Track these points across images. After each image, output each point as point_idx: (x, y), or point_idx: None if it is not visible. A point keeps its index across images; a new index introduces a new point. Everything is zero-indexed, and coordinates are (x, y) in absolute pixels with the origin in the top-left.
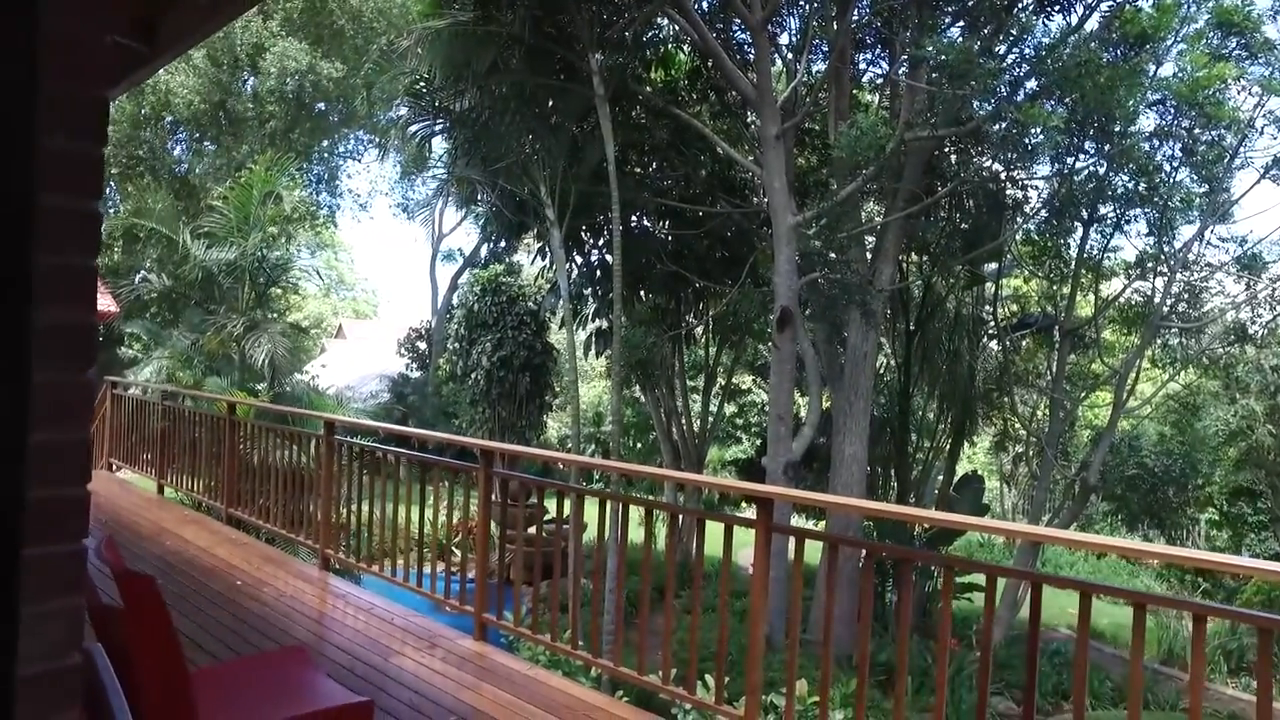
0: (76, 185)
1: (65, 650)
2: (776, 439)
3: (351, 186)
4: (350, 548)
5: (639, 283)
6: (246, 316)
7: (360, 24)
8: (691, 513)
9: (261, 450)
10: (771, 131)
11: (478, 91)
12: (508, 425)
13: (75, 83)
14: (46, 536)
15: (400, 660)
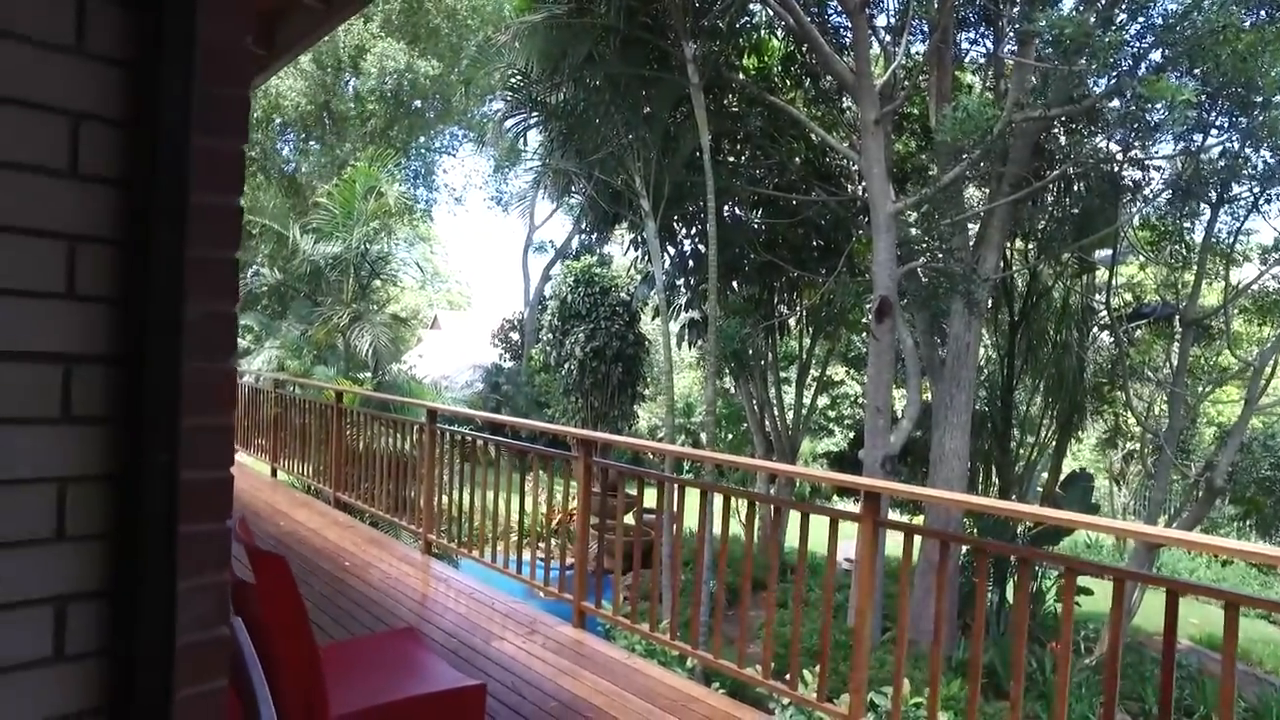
0: (222, 182)
1: (215, 623)
2: (874, 432)
3: (447, 181)
4: (449, 532)
5: (732, 273)
6: (351, 308)
7: (455, 22)
8: (797, 506)
9: (366, 437)
10: (870, 117)
11: (573, 84)
12: (600, 415)
13: (223, 83)
14: (198, 515)
15: (501, 645)
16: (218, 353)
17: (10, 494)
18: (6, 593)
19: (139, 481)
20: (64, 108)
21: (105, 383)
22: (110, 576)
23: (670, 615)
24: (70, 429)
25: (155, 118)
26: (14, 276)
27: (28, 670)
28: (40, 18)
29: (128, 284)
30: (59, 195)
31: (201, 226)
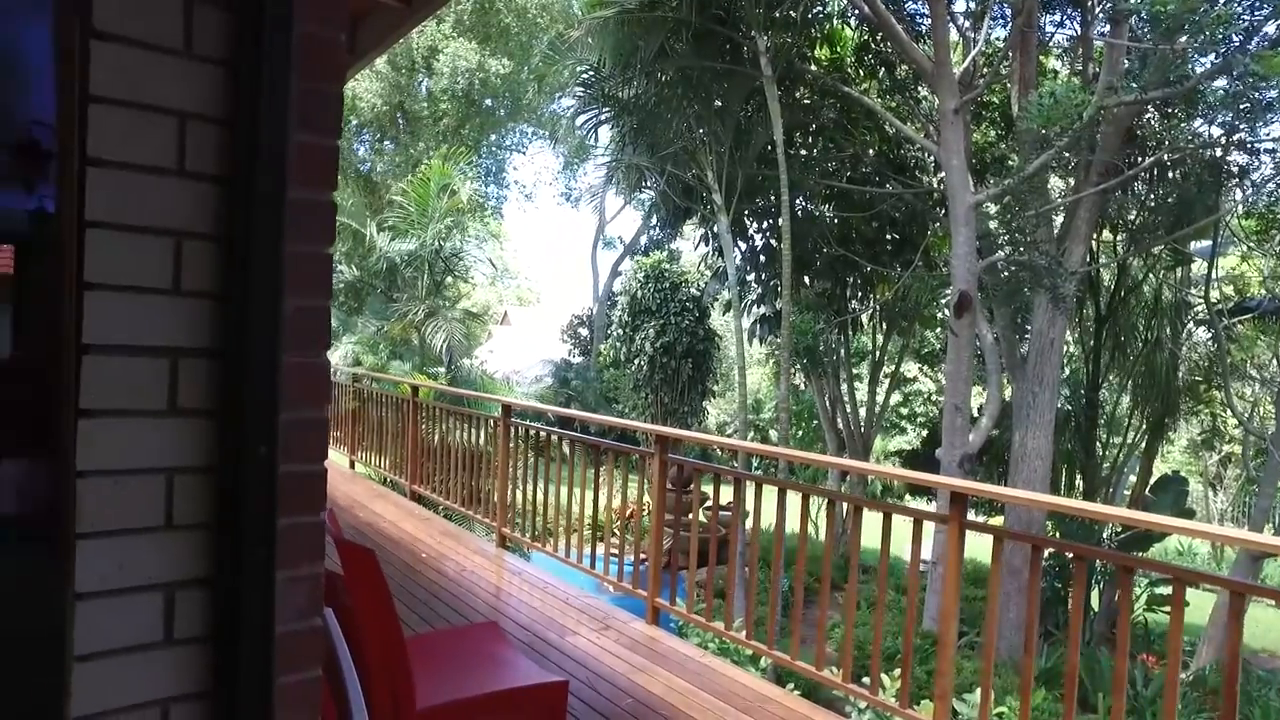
0: (317, 177)
1: (311, 613)
2: (952, 430)
3: (517, 178)
4: (520, 526)
5: (804, 268)
6: (426, 304)
7: (525, 20)
8: (881, 506)
9: (441, 431)
10: (949, 106)
11: (644, 78)
12: (670, 411)
13: (319, 79)
14: (295, 508)
15: (575, 639)
16: (313, 347)
17: (127, 483)
18: (126, 577)
19: (240, 474)
20: (172, 108)
21: (208, 376)
22: (213, 565)
23: (745, 614)
24: (176, 421)
25: (255, 115)
26: (129, 273)
27: (143, 652)
28: (152, 22)
29: (228, 279)
30: (168, 193)
31: (298, 222)
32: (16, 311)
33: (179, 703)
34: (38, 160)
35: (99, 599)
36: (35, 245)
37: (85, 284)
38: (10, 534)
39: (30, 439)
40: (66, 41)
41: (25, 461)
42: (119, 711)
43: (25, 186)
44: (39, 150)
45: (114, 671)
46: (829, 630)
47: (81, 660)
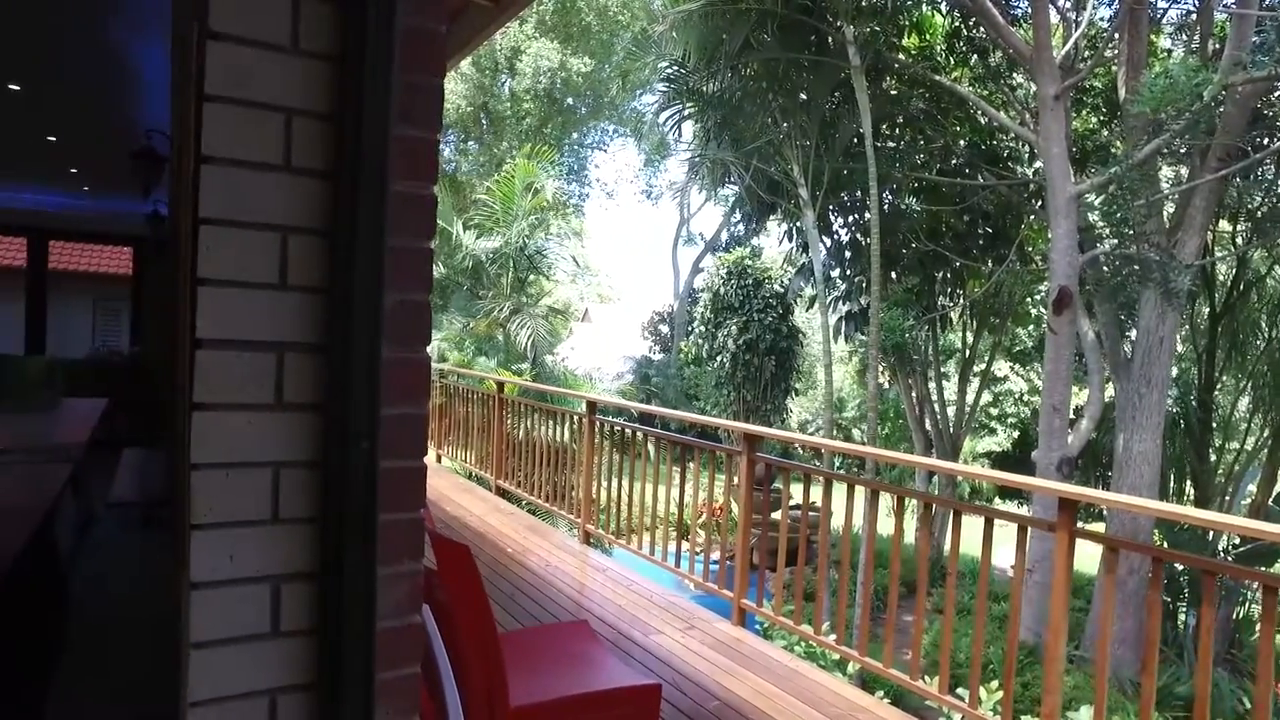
0: (418, 170)
1: (410, 610)
2: (1050, 432)
3: (598, 176)
4: (603, 522)
5: (891, 263)
6: (510, 301)
7: (606, 19)
8: (982, 510)
9: (525, 426)
10: (1049, 92)
11: (729, 72)
12: (752, 408)
13: (421, 72)
14: (395, 504)
15: (659, 638)
16: (414, 342)
17: (237, 476)
18: (237, 569)
19: (342, 468)
20: (280, 104)
21: (312, 370)
22: (317, 560)
23: (836, 618)
24: (282, 415)
25: (358, 109)
26: (238, 269)
27: (252, 642)
28: (262, 20)
29: (332, 274)
30: (275, 189)
31: (400, 216)
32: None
33: (285, 693)
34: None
35: (212, 589)
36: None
37: (199, 280)
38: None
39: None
40: (186, 43)
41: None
42: (231, 699)
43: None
44: (156, 156)
45: (226, 660)
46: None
47: (197, 648)
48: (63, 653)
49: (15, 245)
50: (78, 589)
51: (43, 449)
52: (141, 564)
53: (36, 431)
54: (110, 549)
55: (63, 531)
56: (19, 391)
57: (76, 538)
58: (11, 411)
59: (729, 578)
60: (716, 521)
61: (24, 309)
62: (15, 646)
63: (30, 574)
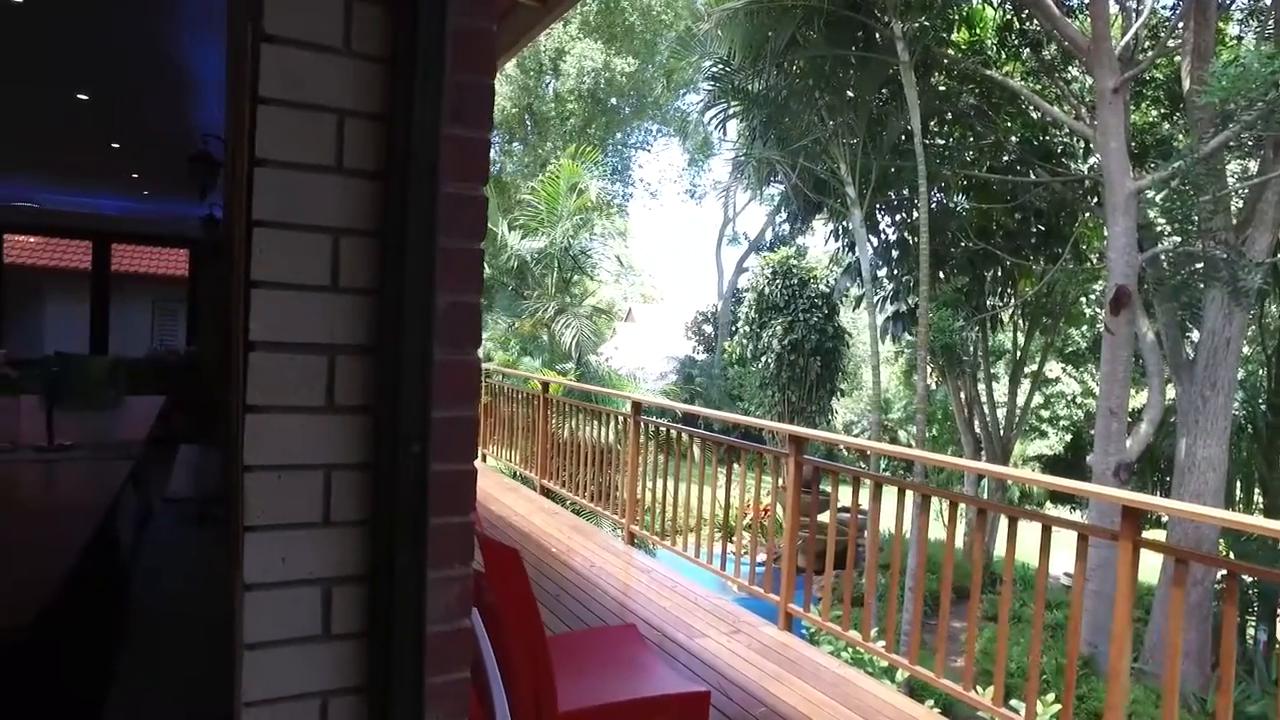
0: (469, 171)
1: (460, 614)
2: (1106, 436)
3: (642, 176)
4: (646, 522)
5: (939, 263)
6: (555, 301)
7: (649, 18)
8: (1040, 517)
9: (570, 426)
10: (1108, 85)
11: (775, 70)
12: (797, 409)
13: (471, 72)
14: (446, 508)
15: (705, 642)
16: (465, 344)
17: (289, 478)
18: (289, 571)
19: (393, 471)
20: (332, 105)
21: (363, 373)
22: (367, 563)
23: (884, 624)
24: (334, 417)
25: (409, 110)
26: (291, 271)
27: (304, 645)
28: (315, 22)
29: (383, 275)
30: (327, 191)
31: (451, 217)
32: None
33: (336, 696)
34: (212, 169)
35: (265, 591)
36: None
37: (252, 282)
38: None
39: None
40: (241, 47)
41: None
42: (283, 700)
43: (200, 194)
44: (211, 160)
45: (279, 662)
46: (965, 644)
47: (250, 649)
48: (124, 644)
49: (81, 248)
50: (137, 582)
51: (107, 445)
52: (196, 560)
53: (101, 428)
54: (167, 544)
55: (124, 525)
56: (86, 390)
57: (136, 532)
58: (79, 409)
59: (775, 581)
60: (761, 524)
61: (89, 310)
62: (82, 635)
63: (96, 565)
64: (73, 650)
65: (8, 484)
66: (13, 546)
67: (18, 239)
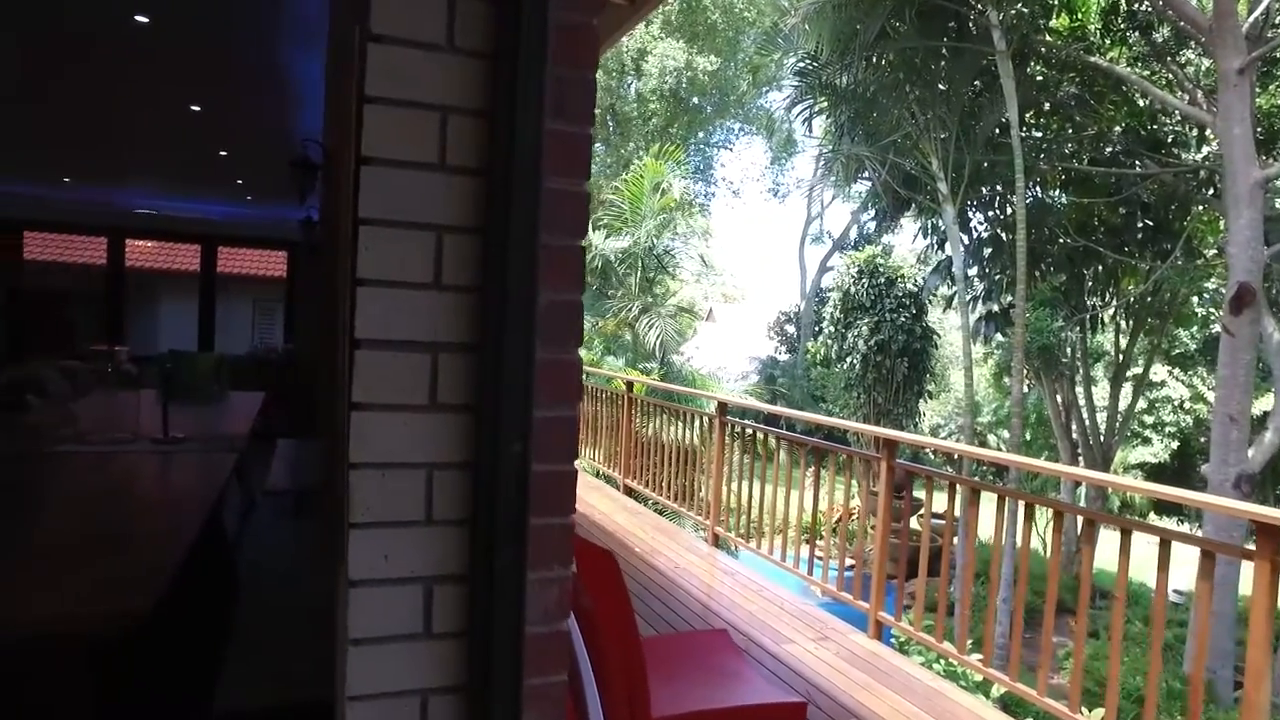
0: (571, 167)
1: (558, 616)
2: (1225, 444)
3: (724, 175)
4: (730, 523)
5: (1036, 260)
6: (639, 301)
7: (732, 16)
8: (1156, 531)
9: (654, 426)
10: (1232, 66)
11: (863, 64)
12: (883, 411)
13: (573, 66)
14: (546, 508)
15: (791, 648)
16: (566, 343)
17: (392, 476)
18: (392, 569)
19: (494, 471)
20: (435, 103)
21: (465, 371)
22: (467, 563)
23: (984, 636)
24: (437, 416)
25: (512, 105)
26: (395, 269)
27: (405, 642)
28: (419, 20)
29: (485, 273)
30: (430, 188)
31: (552, 213)
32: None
33: (436, 694)
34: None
35: (368, 588)
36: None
37: (358, 280)
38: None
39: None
40: (346, 48)
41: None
42: (385, 696)
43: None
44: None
45: (381, 658)
46: (1061, 660)
47: (355, 644)
48: (231, 632)
49: (190, 251)
50: (242, 572)
51: (214, 438)
52: (295, 552)
53: (208, 422)
54: (267, 535)
55: (229, 516)
56: (195, 385)
57: (239, 523)
58: (189, 403)
59: (863, 587)
60: (850, 528)
61: (197, 309)
62: (195, 621)
63: (207, 554)
64: (187, 636)
65: (129, 474)
66: (136, 534)
67: (136, 243)
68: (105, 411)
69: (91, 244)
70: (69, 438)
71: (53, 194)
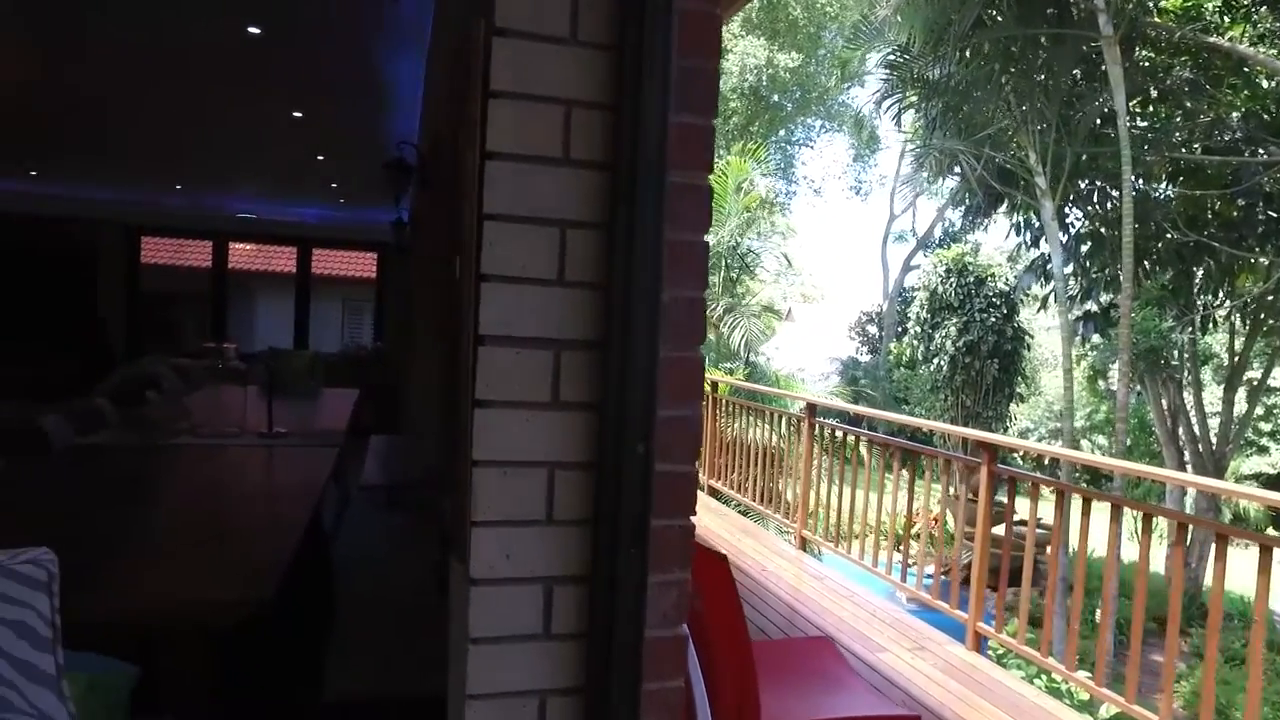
0: (695, 160)
1: (677, 620)
2: None
3: (805, 173)
4: (818, 528)
5: (1139, 257)
6: (723, 300)
7: (813, 11)
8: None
9: (738, 426)
10: None
11: (957, 54)
12: (972, 415)
13: (697, 55)
14: (668, 509)
15: (886, 657)
16: (689, 341)
17: (514, 474)
18: (513, 568)
19: (618, 471)
20: (560, 97)
21: (588, 369)
22: (588, 563)
23: (1096, 653)
24: (558, 414)
25: (636, 98)
26: (520, 264)
27: (525, 642)
28: (542, 13)
29: (609, 268)
30: (553, 182)
31: (677, 208)
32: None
33: (555, 695)
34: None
35: (489, 586)
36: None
37: (482, 276)
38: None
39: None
40: (474, 42)
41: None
42: (504, 696)
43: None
44: (405, 166)
45: (501, 657)
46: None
47: (474, 643)
48: (337, 621)
49: (286, 253)
50: (341, 565)
51: (314, 433)
52: (389, 546)
53: (307, 417)
54: (363, 529)
55: (328, 511)
56: (294, 382)
57: (337, 517)
58: (289, 399)
59: (961, 597)
60: (950, 534)
61: (292, 309)
62: (306, 611)
63: (313, 546)
64: (297, 626)
65: (239, 467)
66: (253, 526)
67: (238, 246)
68: (214, 406)
69: (199, 247)
70: (184, 431)
71: (166, 201)
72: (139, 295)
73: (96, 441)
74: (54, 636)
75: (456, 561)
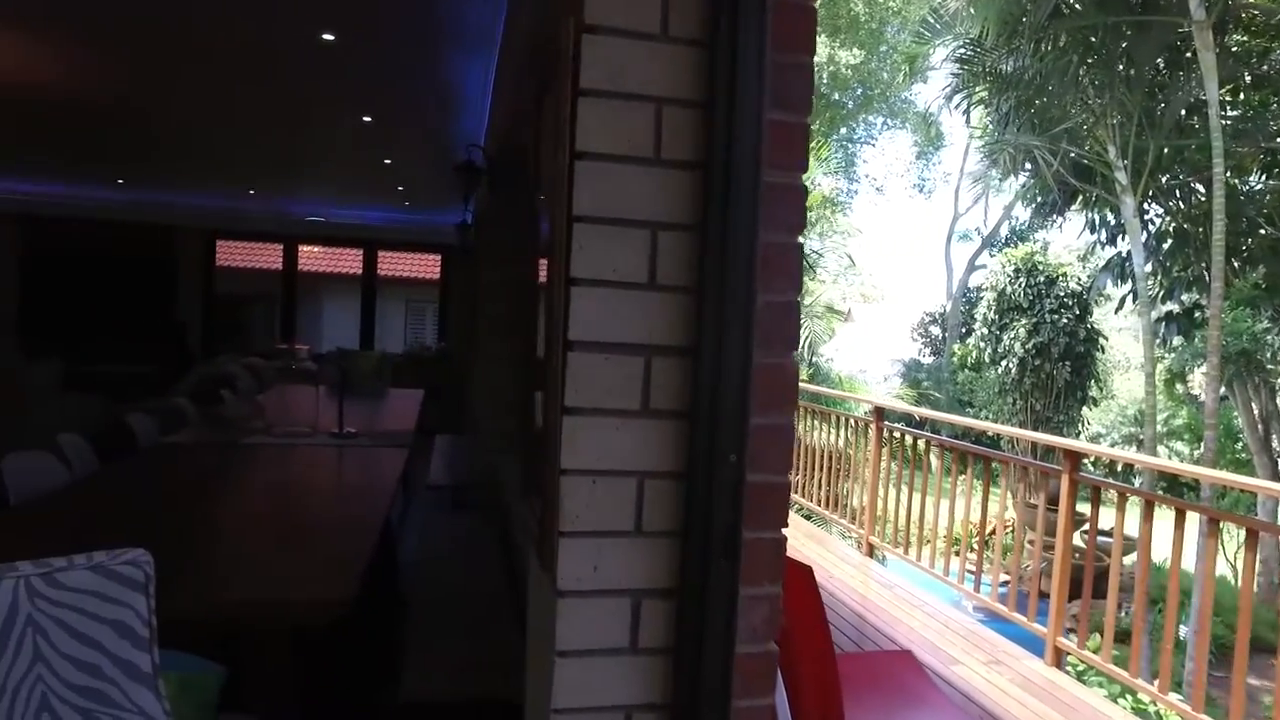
0: (790, 159)
1: (767, 636)
2: None
3: (866, 171)
4: (886, 535)
5: (1229, 255)
6: None
7: (875, 7)
8: None
9: (801, 429)
10: None
11: (1032, 46)
12: (1042, 419)
13: (791, 50)
14: (760, 521)
15: (961, 670)
16: (783, 346)
17: (603, 484)
18: (600, 580)
19: (709, 482)
20: (649, 94)
21: (679, 376)
22: (677, 576)
23: (1195, 676)
24: (649, 422)
25: (730, 95)
26: (610, 267)
27: (611, 656)
28: (632, 9)
29: (701, 272)
30: (645, 183)
31: (772, 209)
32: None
33: (641, 711)
34: (474, 178)
35: (576, 598)
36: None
37: (571, 280)
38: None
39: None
40: (562, 40)
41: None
42: (589, 711)
43: (464, 202)
44: (474, 168)
45: (587, 672)
46: (1267, 709)
47: (561, 656)
48: (411, 618)
49: (352, 256)
50: (411, 565)
51: (383, 433)
52: (454, 545)
53: (375, 418)
54: (431, 527)
55: (396, 509)
56: (362, 382)
57: (402, 516)
58: (356, 399)
59: (1035, 608)
60: (1011, 542)
61: (358, 310)
62: (383, 609)
63: (387, 546)
64: (375, 625)
65: (314, 466)
66: (333, 526)
67: (307, 249)
68: (286, 406)
69: (270, 250)
70: (258, 430)
71: (240, 205)
72: (214, 297)
73: (178, 440)
74: (151, 636)
75: (541, 571)
